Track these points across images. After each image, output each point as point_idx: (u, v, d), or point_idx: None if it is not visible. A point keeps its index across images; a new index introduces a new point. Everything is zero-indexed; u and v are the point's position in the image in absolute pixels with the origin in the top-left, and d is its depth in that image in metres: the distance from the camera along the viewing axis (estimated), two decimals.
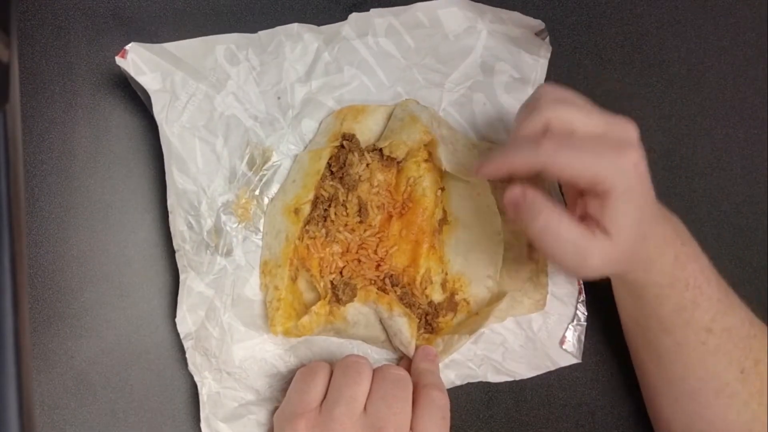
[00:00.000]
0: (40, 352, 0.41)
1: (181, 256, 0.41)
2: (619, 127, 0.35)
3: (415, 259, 0.43)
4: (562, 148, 0.33)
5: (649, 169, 0.35)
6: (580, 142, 0.34)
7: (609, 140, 0.34)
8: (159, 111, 0.40)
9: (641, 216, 0.34)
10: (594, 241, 0.34)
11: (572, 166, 0.33)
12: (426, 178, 0.43)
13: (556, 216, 0.34)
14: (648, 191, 0.35)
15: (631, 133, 0.35)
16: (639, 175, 0.34)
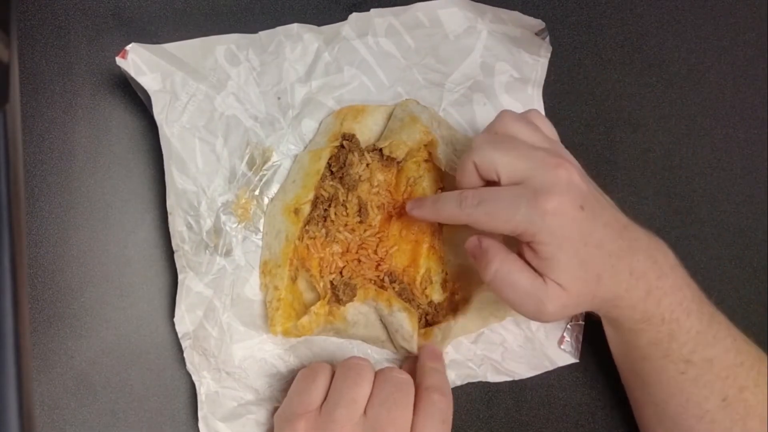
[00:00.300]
0: (40, 352, 0.41)
1: (179, 256, 0.41)
2: (542, 169, 0.34)
3: (415, 259, 0.43)
4: (481, 203, 0.35)
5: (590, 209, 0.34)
6: (497, 194, 0.35)
7: (527, 188, 0.34)
8: (159, 111, 0.40)
9: (583, 259, 0.34)
10: (546, 288, 0.34)
11: (491, 222, 0.35)
12: (426, 178, 0.43)
13: (508, 264, 0.35)
14: (588, 231, 0.34)
15: (557, 174, 0.34)
16: (566, 219, 0.33)
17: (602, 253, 0.34)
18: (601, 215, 0.35)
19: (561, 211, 0.33)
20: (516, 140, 0.36)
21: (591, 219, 0.34)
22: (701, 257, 0.48)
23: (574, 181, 0.34)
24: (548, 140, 0.37)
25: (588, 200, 0.34)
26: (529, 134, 0.37)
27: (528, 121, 0.38)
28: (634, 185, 0.48)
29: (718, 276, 0.48)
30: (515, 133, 0.37)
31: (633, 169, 0.48)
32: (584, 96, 0.48)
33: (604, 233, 0.34)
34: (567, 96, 0.48)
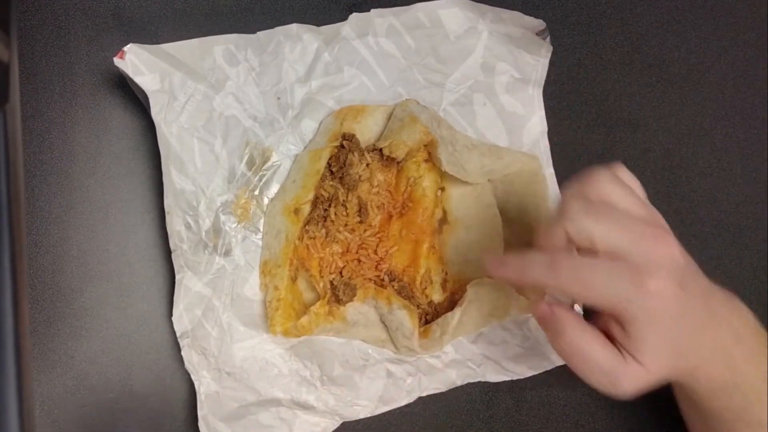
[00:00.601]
0: (40, 352, 0.41)
1: (177, 255, 0.41)
2: (644, 244, 0.32)
3: (415, 259, 0.43)
4: (576, 273, 0.32)
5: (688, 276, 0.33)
6: (594, 266, 0.32)
7: (628, 265, 0.31)
8: (157, 112, 0.40)
9: (673, 339, 0.32)
10: (625, 366, 0.33)
11: (585, 295, 0.32)
12: (426, 178, 0.43)
13: (586, 337, 0.33)
14: (683, 310, 0.32)
15: (659, 250, 0.32)
16: (666, 301, 0.31)
17: (691, 329, 0.33)
18: (693, 288, 0.33)
19: (663, 293, 0.31)
20: (613, 208, 0.33)
21: (687, 296, 0.32)
22: (701, 257, 0.48)
23: (675, 258, 0.32)
24: (643, 205, 0.35)
25: (686, 277, 0.33)
26: (624, 198, 0.34)
27: (621, 182, 0.35)
28: None
29: (718, 276, 0.48)
30: (610, 197, 0.34)
31: (633, 169, 0.48)
32: (584, 96, 0.49)
33: (695, 306, 0.33)
34: (567, 96, 0.48)
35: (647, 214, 0.34)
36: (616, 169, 0.36)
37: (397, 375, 0.43)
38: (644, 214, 0.34)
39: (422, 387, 0.43)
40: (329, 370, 0.42)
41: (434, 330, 0.42)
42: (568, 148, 0.48)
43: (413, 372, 0.43)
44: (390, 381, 0.42)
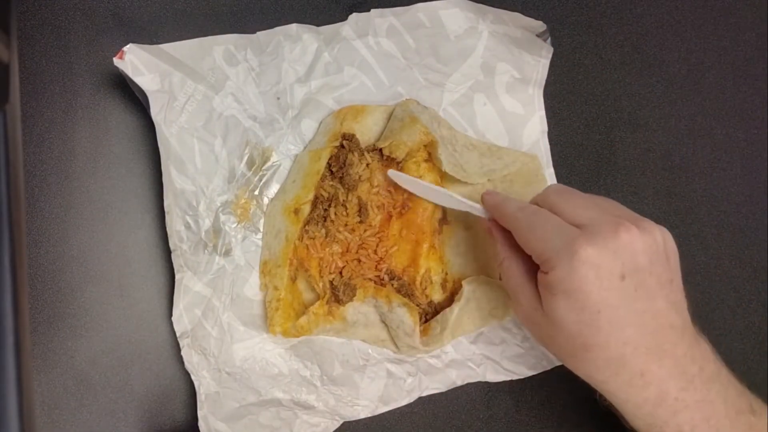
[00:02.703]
0: (40, 352, 0.41)
1: (177, 255, 0.41)
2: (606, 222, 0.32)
3: (415, 259, 0.43)
4: (533, 217, 0.34)
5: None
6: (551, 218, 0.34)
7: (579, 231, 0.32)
8: (157, 112, 0.40)
9: (585, 321, 0.32)
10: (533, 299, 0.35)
11: (526, 235, 0.34)
12: (426, 178, 0.43)
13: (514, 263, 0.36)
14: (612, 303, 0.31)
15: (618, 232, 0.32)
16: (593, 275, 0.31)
17: (615, 335, 0.32)
18: (646, 300, 0.32)
19: (593, 266, 0.31)
20: (588, 196, 0.35)
21: (626, 296, 0.32)
22: (701, 257, 0.48)
23: (633, 248, 0.32)
24: (637, 215, 0.35)
25: (638, 277, 0.32)
26: (617, 204, 0.35)
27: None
28: (634, 185, 0.48)
29: (718, 276, 0.48)
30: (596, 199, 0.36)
31: (633, 169, 0.48)
32: (584, 96, 0.49)
33: (633, 320, 0.32)
34: (567, 96, 0.48)
35: (629, 215, 0.34)
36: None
37: (398, 375, 0.43)
38: (631, 216, 0.34)
39: (422, 387, 0.43)
40: (329, 370, 0.42)
41: (434, 327, 0.42)
42: (568, 148, 0.48)
43: (413, 372, 0.43)
44: (390, 381, 0.43)
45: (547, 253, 0.32)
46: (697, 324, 0.35)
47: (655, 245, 0.33)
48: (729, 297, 0.48)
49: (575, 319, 0.32)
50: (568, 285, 0.32)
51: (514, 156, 0.44)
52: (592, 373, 0.34)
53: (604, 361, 0.32)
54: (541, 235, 0.33)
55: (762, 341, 0.48)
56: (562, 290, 0.32)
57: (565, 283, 0.32)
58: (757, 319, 0.48)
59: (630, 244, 0.32)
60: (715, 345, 0.36)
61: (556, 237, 0.32)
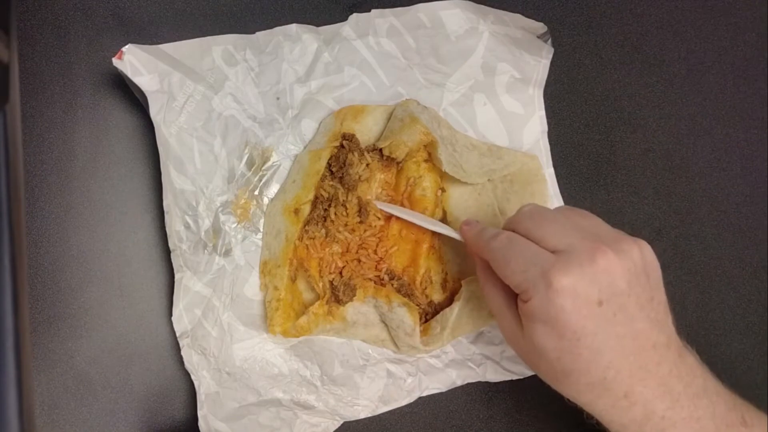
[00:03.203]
0: (40, 352, 0.41)
1: (177, 255, 0.41)
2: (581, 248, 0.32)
3: (415, 259, 0.43)
4: (508, 246, 0.34)
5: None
6: (526, 247, 0.33)
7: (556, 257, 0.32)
8: (156, 112, 0.40)
9: (564, 349, 0.32)
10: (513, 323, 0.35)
11: (502, 266, 0.34)
12: (426, 179, 0.43)
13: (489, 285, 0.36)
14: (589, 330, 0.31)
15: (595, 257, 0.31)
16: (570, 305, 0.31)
17: (596, 360, 0.31)
18: (625, 324, 0.32)
19: (570, 295, 0.31)
20: (570, 212, 0.35)
21: (604, 322, 0.31)
22: (701, 257, 0.48)
23: (610, 273, 0.31)
24: (616, 232, 0.34)
25: (616, 302, 0.31)
26: (594, 221, 0.35)
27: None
28: (634, 185, 0.48)
29: (718, 276, 0.48)
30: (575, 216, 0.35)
31: (633, 169, 0.48)
32: (584, 96, 0.49)
33: (613, 344, 0.31)
34: (567, 96, 0.48)
35: (613, 234, 0.34)
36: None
37: (398, 375, 0.43)
38: (610, 234, 0.34)
39: (422, 387, 0.43)
40: (329, 370, 0.42)
41: (434, 326, 0.42)
42: (568, 148, 0.48)
43: (413, 372, 0.43)
44: (390, 381, 0.43)
45: (524, 284, 0.32)
46: (684, 336, 0.34)
47: (633, 267, 0.32)
48: (729, 297, 0.48)
49: (554, 346, 0.32)
50: (545, 314, 0.31)
51: (514, 156, 0.44)
52: (575, 395, 0.34)
53: (587, 385, 0.32)
54: (516, 266, 0.33)
55: (762, 341, 0.48)
56: (540, 319, 0.32)
57: (542, 312, 0.32)
58: (757, 319, 0.48)
59: (607, 270, 0.31)
60: (715, 345, 0.36)
61: (531, 267, 0.32)
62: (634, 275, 0.32)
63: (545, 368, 0.34)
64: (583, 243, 0.32)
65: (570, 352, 0.32)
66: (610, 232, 0.34)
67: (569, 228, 0.34)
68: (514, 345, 0.35)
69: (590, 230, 0.34)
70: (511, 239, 0.34)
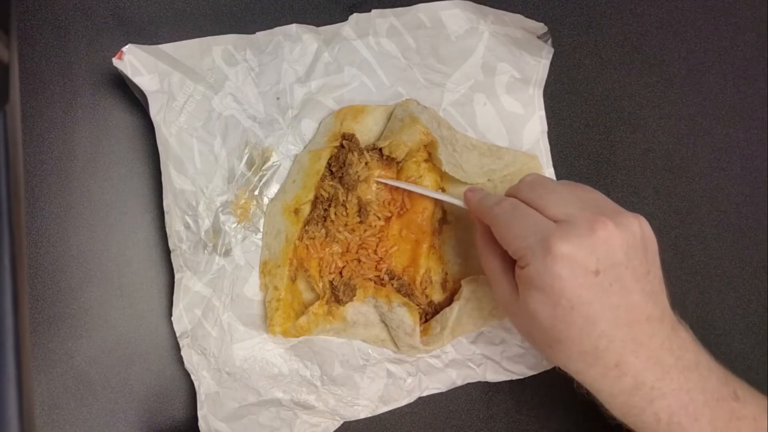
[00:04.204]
0: (40, 352, 0.41)
1: (177, 255, 0.41)
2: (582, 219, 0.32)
3: (415, 259, 0.43)
4: (510, 212, 0.34)
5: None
6: (529, 214, 0.34)
7: (556, 225, 0.32)
8: (156, 112, 0.40)
9: (557, 316, 0.32)
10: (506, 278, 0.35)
11: (503, 231, 0.34)
12: (426, 179, 0.43)
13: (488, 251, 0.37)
14: (585, 299, 0.31)
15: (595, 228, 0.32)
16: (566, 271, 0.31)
17: (588, 329, 0.32)
18: (621, 295, 0.32)
19: (567, 263, 0.31)
20: (573, 186, 0.36)
21: (600, 291, 0.32)
22: (701, 257, 0.48)
23: (609, 244, 0.32)
24: (615, 206, 0.35)
25: (613, 272, 0.32)
26: (596, 194, 0.35)
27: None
28: (634, 185, 0.48)
29: (718, 276, 0.48)
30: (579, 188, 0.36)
31: (633, 169, 0.48)
32: (584, 96, 0.49)
33: (607, 314, 0.32)
34: (567, 96, 0.48)
35: (614, 208, 0.34)
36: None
37: (398, 375, 0.43)
38: (612, 207, 0.34)
39: (422, 387, 0.43)
40: (329, 370, 0.42)
41: (434, 326, 0.42)
42: (568, 148, 0.48)
43: (413, 372, 0.43)
44: (390, 381, 0.43)
45: (523, 250, 0.33)
46: (677, 311, 0.35)
47: (632, 239, 0.33)
48: (729, 297, 0.48)
49: (549, 313, 0.32)
50: (541, 281, 0.32)
51: (514, 156, 0.44)
52: (567, 363, 0.34)
53: (579, 354, 0.33)
54: (517, 232, 0.33)
55: (762, 341, 0.48)
56: (536, 286, 0.32)
57: (539, 279, 0.32)
58: (757, 319, 0.48)
59: (606, 240, 0.32)
60: (715, 345, 0.36)
61: (531, 234, 0.33)
62: (632, 247, 0.33)
63: (538, 335, 0.34)
64: (583, 213, 0.33)
65: (564, 320, 0.32)
66: (611, 205, 0.35)
67: (571, 199, 0.34)
68: (509, 312, 0.36)
69: (592, 202, 0.34)
70: (514, 205, 0.35)
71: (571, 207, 0.33)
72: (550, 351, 0.34)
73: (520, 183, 0.37)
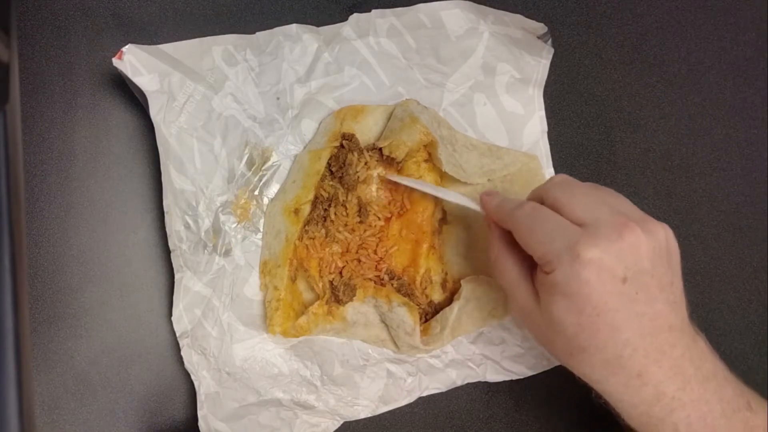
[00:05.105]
0: (40, 352, 0.41)
1: (177, 255, 0.41)
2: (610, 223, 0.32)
3: (414, 259, 0.43)
4: (532, 216, 0.34)
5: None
6: (552, 217, 0.33)
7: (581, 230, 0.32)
8: (156, 112, 0.40)
9: (582, 324, 0.31)
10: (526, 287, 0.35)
11: (527, 236, 0.34)
12: (426, 179, 0.43)
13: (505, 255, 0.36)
14: (611, 306, 0.31)
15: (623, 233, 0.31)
16: (594, 277, 0.31)
17: (614, 337, 0.31)
18: (646, 303, 0.32)
19: (595, 269, 0.31)
20: (599, 189, 0.35)
21: (626, 299, 0.31)
22: (701, 257, 0.48)
23: (636, 251, 0.31)
24: (641, 213, 0.34)
25: (639, 280, 0.31)
26: (622, 199, 0.35)
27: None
28: (634, 185, 0.48)
29: (718, 276, 0.48)
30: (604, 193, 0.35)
31: (633, 169, 0.48)
32: (584, 96, 0.49)
33: (632, 323, 0.31)
34: (567, 96, 0.48)
35: (639, 216, 0.34)
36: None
37: (398, 375, 0.43)
38: (637, 215, 0.34)
39: (422, 387, 0.43)
40: (329, 370, 0.42)
41: (434, 326, 0.42)
42: (568, 148, 0.48)
43: (413, 372, 0.43)
44: (390, 381, 0.43)
45: (549, 255, 0.32)
46: (695, 322, 0.35)
47: (658, 247, 0.32)
48: (729, 297, 0.48)
49: (574, 321, 0.32)
50: (568, 287, 0.31)
51: (514, 156, 0.44)
52: (588, 372, 0.34)
53: (602, 362, 0.32)
54: (542, 237, 0.33)
55: (762, 341, 0.48)
56: (561, 292, 0.32)
57: (565, 285, 0.31)
58: (757, 319, 0.48)
59: (634, 247, 0.31)
60: (715, 345, 0.36)
61: (557, 238, 0.32)
62: (658, 256, 0.32)
63: (560, 343, 0.33)
64: (611, 218, 0.32)
65: (589, 328, 0.32)
66: (637, 211, 0.34)
67: (598, 202, 0.33)
68: (527, 320, 0.35)
69: (618, 207, 0.34)
70: (536, 209, 0.34)
71: (597, 211, 0.33)
72: (572, 359, 0.34)
73: (547, 183, 0.36)
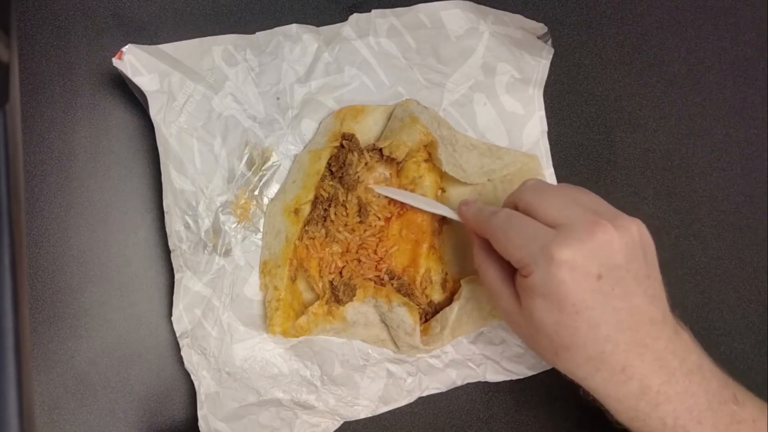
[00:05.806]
0: (40, 352, 0.41)
1: (177, 255, 0.41)
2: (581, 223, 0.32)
3: (414, 259, 0.43)
4: (507, 222, 0.34)
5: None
6: (525, 222, 0.34)
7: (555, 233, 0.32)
8: (156, 112, 0.40)
9: (560, 322, 0.32)
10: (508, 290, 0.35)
11: (504, 243, 0.34)
12: (426, 179, 0.43)
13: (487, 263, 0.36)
14: (588, 304, 0.31)
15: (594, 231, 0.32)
16: (569, 277, 0.31)
17: (593, 334, 0.32)
18: (623, 298, 0.32)
19: (569, 268, 0.31)
20: (571, 189, 0.35)
21: (603, 296, 0.32)
22: (701, 257, 0.48)
23: (609, 248, 0.32)
24: (613, 210, 0.35)
25: (614, 276, 0.32)
26: (594, 197, 0.35)
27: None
28: (634, 185, 0.48)
29: (718, 276, 0.48)
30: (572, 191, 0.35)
31: (633, 169, 0.48)
32: (584, 96, 0.49)
33: (610, 318, 0.32)
34: (567, 96, 0.48)
35: (608, 211, 0.34)
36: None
37: (398, 375, 0.43)
38: (606, 211, 0.34)
39: (422, 387, 0.43)
40: (329, 370, 0.42)
41: (434, 326, 0.42)
42: (568, 148, 0.48)
43: (413, 372, 0.43)
44: (390, 381, 0.43)
45: (525, 259, 0.33)
46: (678, 314, 0.35)
47: (632, 242, 0.33)
48: (729, 297, 0.48)
49: (554, 320, 0.32)
50: (546, 289, 0.32)
51: (514, 156, 0.44)
52: (574, 370, 0.34)
53: (585, 359, 0.33)
54: (518, 242, 0.33)
55: (762, 341, 0.48)
56: (540, 294, 0.32)
57: (543, 287, 0.32)
58: (757, 319, 0.48)
59: (606, 244, 0.32)
60: (715, 345, 0.36)
61: (531, 242, 0.32)
62: (632, 250, 0.33)
63: (544, 343, 0.34)
64: (582, 217, 0.33)
65: (569, 326, 0.32)
66: (609, 208, 0.35)
67: (569, 202, 0.34)
68: (512, 322, 0.36)
69: (590, 206, 0.34)
70: (510, 215, 0.35)
71: (569, 211, 0.33)
72: (557, 358, 0.34)
73: (521, 187, 0.37)
